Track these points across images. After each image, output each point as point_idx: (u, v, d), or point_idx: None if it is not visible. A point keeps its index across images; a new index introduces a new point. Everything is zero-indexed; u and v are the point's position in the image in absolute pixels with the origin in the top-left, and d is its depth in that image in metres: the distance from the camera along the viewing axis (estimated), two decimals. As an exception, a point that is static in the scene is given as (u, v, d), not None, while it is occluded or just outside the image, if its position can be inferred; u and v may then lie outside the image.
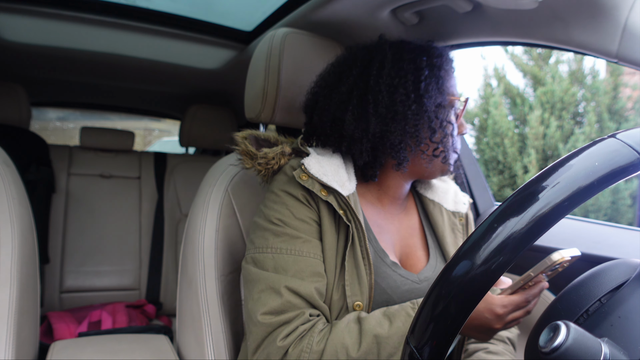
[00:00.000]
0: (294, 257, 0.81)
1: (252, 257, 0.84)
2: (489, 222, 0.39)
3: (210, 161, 2.04)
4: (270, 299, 0.78)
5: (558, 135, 5.14)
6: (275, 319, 0.77)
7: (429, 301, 0.41)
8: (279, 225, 0.83)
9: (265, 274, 0.80)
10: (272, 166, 0.90)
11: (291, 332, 0.76)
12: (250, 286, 0.82)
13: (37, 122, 3.77)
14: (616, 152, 0.39)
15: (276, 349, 0.75)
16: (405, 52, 0.89)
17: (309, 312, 0.78)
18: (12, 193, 0.93)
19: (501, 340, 0.98)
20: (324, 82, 0.94)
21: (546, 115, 5.23)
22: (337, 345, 0.73)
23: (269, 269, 0.81)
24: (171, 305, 2.11)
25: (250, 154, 0.91)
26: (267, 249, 0.82)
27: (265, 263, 0.81)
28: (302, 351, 0.74)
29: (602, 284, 0.49)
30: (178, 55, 1.88)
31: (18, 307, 0.88)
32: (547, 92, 5.24)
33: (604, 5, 0.80)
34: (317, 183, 0.84)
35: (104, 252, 2.08)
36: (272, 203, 0.86)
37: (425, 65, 0.87)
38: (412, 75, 0.87)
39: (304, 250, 0.82)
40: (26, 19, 1.55)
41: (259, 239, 0.84)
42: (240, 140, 0.92)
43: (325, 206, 0.85)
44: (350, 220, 0.83)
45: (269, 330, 0.77)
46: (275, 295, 0.78)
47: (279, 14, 1.41)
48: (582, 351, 0.36)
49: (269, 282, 0.79)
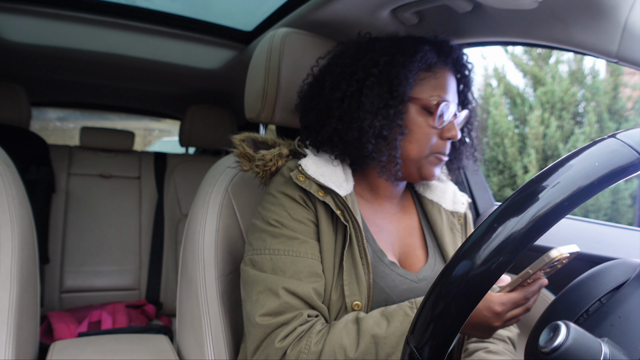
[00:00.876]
0: (291, 257, 0.81)
1: (250, 258, 0.84)
2: (489, 222, 0.39)
3: (210, 161, 2.04)
4: (268, 301, 0.78)
5: (558, 135, 5.14)
6: (273, 320, 0.77)
7: (429, 301, 0.41)
8: (276, 226, 0.83)
9: (263, 276, 0.80)
10: (269, 168, 0.90)
11: (289, 334, 0.76)
12: (248, 288, 0.82)
13: (37, 122, 3.77)
14: (616, 152, 0.39)
15: (275, 351, 0.75)
16: (375, 52, 0.89)
17: (307, 313, 0.78)
18: (12, 193, 0.93)
19: (501, 339, 0.98)
20: (306, 84, 0.97)
21: (546, 115, 5.22)
22: (335, 346, 0.73)
23: (267, 270, 0.81)
24: (171, 305, 2.11)
25: (248, 156, 0.92)
26: (264, 250, 0.82)
27: (263, 264, 0.81)
28: (300, 352, 0.74)
29: (602, 284, 0.49)
30: (178, 55, 1.87)
31: (18, 307, 0.88)
32: (547, 92, 5.24)
33: (604, 5, 0.80)
34: (315, 184, 0.84)
35: (104, 252, 2.08)
36: (270, 205, 0.86)
37: (375, 65, 0.86)
38: (362, 72, 0.86)
39: (302, 251, 0.82)
40: (26, 19, 1.55)
41: (257, 241, 0.84)
42: (238, 143, 0.93)
43: (322, 207, 0.85)
44: (347, 220, 0.83)
45: (267, 331, 0.77)
46: (273, 296, 0.78)
47: (279, 14, 1.40)
48: (582, 351, 0.36)
49: (267, 283, 0.79)
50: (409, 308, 0.77)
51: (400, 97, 0.85)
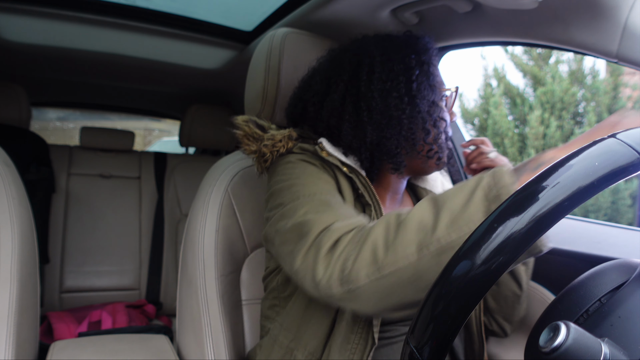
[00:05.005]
0: (334, 200, 0.75)
1: (282, 213, 0.75)
2: (489, 222, 0.39)
3: (210, 161, 2.03)
4: (325, 214, 0.71)
5: (558, 135, 5.14)
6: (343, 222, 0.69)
7: (429, 301, 0.41)
8: (301, 178, 0.79)
9: (312, 218, 0.71)
10: (278, 149, 0.86)
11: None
12: (289, 236, 0.73)
13: (37, 122, 3.77)
14: (616, 152, 0.39)
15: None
16: (392, 51, 0.87)
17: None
18: (12, 193, 0.93)
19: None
20: (310, 89, 0.91)
21: (546, 115, 5.23)
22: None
23: (311, 211, 0.72)
24: (171, 305, 2.11)
25: (256, 135, 0.88)
26: (297, 199, 0.75)
27: (298, 209, 0.74)
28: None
29: (602, 284, 0.49)
30: (178, 55, 1.87)
31: (18, 307, 0.88)
32: (547, 92, 5.24)
33: (604, 5, 0.80)
34: (338, 161, 0.82)
35: (104, 252, 2.08)
36: (290, 170, 0.81)
37: (415, 64, 0.85)
38: (404, 76, 0.84)
39: (340, 200, 0.77)
40: (26, 19, 1.55)
41: (284, 197, 0.77)
42: (244, 123, 0.89)
43: (346, 183, 0.82)
44: (372, 200, 0.82)
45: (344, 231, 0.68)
46: (329, 209, 0.71)
47: (279, 14, 1.40)
48: (582, 351, 0.36)
49: (317, 224, 0.70)
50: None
51: (439, 89, 0.89)
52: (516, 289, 0.95)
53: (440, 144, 0.89)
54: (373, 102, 0.83)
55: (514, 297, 0.96)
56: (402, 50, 0.87)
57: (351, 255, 0.64)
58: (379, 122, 0.84)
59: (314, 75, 0.93)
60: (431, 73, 0.86)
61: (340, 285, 0.64)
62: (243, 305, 1.05)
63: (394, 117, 0.84)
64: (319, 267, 0.66)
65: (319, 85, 0.90)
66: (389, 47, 0.88)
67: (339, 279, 0.64)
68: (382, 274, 0.61)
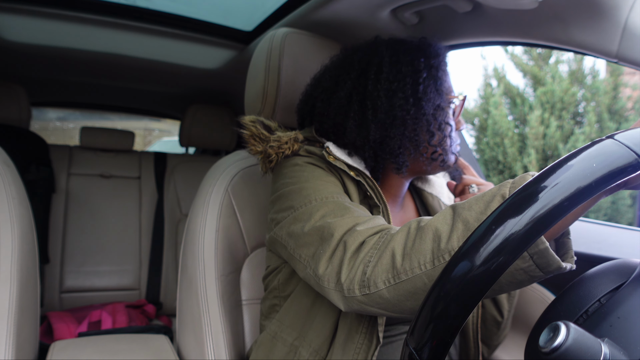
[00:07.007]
0: (348, 202, 0.75)
1: (292, 218, 0.76)
2: (488, 223, 0.39)
3: (210, 161, 2.04)
4: (344, 217, 0.71)
5: (558, 135, 5.14)
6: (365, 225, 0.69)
7: (429, 301, 0.41)
8: (310, 181, 0.79)
9: (318, 215, 0.72)
10: (284, 151, 0.87)
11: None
12: (308, 239, 0.73)
13: (37, 122, 3.77)
14: (614, 153, 0.39)
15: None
16: (402, 53, 0.87)
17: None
18: (12, 193, 0.93)
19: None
20: (320, 86, 0.92)
21: (546, 115, 5.23)
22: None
23: (321, 215, 0.73)
24: (171, 305, 2.11)
25: (262, 136, 0.88)
26: (309, 202, 0.75)
27: (313, 212, 0.74)
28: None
29: (601, 284, 0.49)
30: (178, 55, 1.88)
31: (18, 307, 0.88)
32: (547, 92, 5.24)
33: (604, 5, 0.80)
34: (345, 164, 0.83)
35: (104, 252, 2.08)
36: (297, 172, 0.82)
37: (424, 67, 0.86)
38: (411, 78, 0.85)
39: (351, 202, 0.77)
40: (26, 19, 1.55)
41: (294, 200, 0.77)
42: (250, 124, 0.89)
43: (353, 186, 0.83)
44: (379, 202, 0.82)
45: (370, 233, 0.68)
46: (346, 212, 0.71)
47: (279, 14, 1.41)
48: (582, 351, 0.36)
49: (338, 227, 0.70)
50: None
51: (447, 95, 0.89)
52: (496, 315, 0.96)
53: (445, 147, 0.89)
54: (378, 101, 0.84)
55: (492, 322, 0.97)
56: (412, 53, 0.87)
57: (372, 260, 0.65)
58: (383, 121, 0.84)
59: (324, 72, 0.94)
60: (439, 78, 0.87)
61: (360, 288, 0.65)
62: (243, 305, 1.05)
63: (398, 117, 0.84)
64: (344, 269, 0.67)
65: (328, 82, 0.91)
66: (399, 49, 0.88)
67: (360, 281, 0.65)
68: (398, 281, 0.62)
